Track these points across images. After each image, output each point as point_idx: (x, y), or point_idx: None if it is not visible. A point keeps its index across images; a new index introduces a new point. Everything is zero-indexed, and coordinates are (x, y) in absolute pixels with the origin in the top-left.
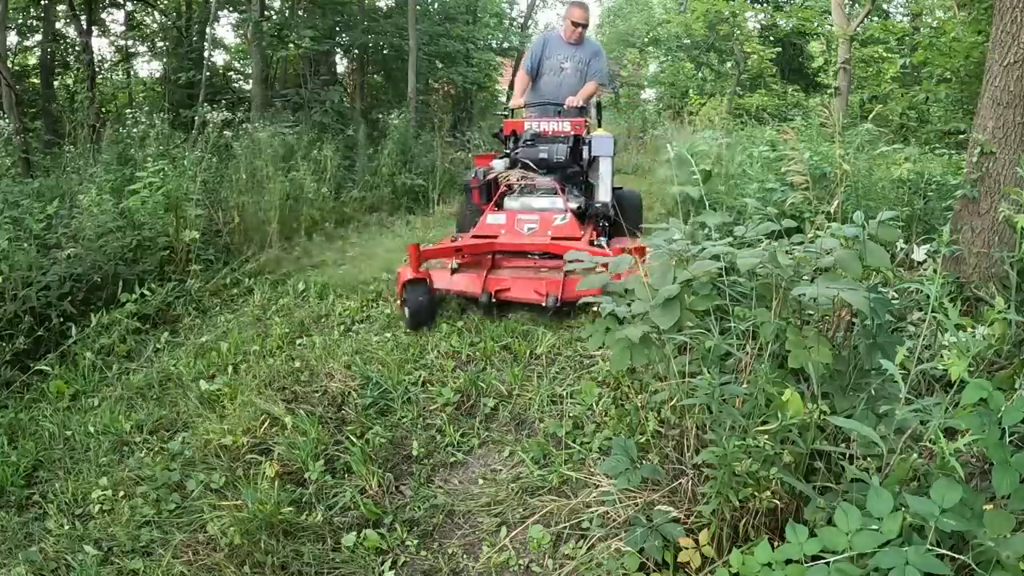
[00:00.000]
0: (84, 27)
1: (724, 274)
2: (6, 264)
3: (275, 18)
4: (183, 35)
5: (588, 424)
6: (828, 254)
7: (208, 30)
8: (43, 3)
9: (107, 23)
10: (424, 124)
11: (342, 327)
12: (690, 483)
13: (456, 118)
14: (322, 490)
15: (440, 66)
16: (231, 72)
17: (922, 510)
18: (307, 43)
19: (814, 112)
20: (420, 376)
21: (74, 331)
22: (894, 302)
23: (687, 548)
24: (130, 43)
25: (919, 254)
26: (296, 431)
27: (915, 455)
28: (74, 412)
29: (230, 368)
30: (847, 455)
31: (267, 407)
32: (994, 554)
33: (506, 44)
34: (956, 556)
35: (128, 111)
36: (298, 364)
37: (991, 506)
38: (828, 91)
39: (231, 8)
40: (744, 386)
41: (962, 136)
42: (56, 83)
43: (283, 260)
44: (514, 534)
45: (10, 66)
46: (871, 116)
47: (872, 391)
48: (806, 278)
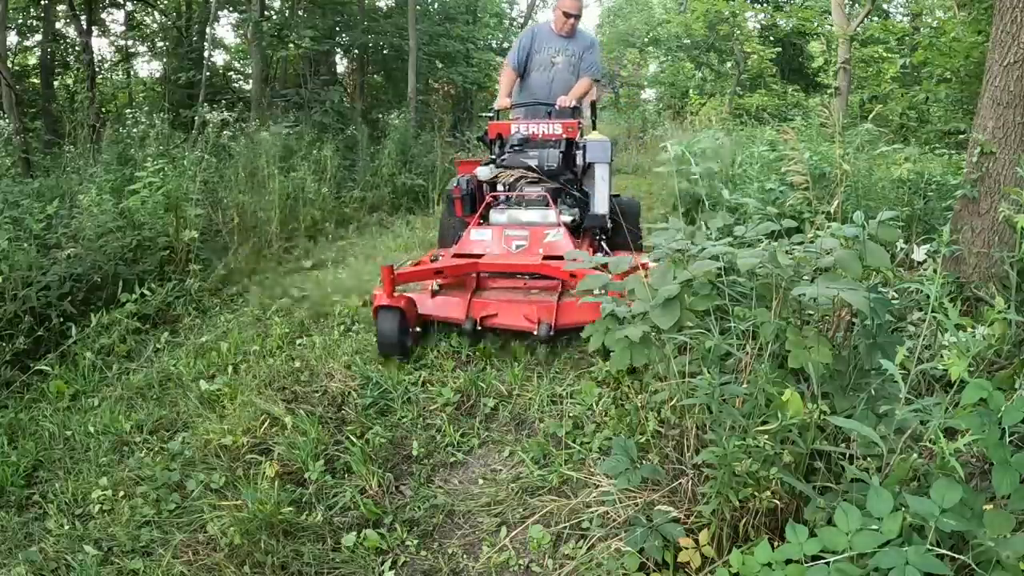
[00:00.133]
0: (84, 27)
1: (724, 274)
2: (6, 264)
3: (275, 18)
4: (183, 35)
5: (588, 424)
6: (828, 254)
7: (208, 30)
8: (43, 3)
9: (107, 23)
10: (424, 124)
11: (342, 327)
12: (690, 483)
13: (456, 118)
14: (322, 490)
15: (440, 66)
16: (231, 72)
17: (922, 510)
18: (307, 43)
19: (814, 112)
20: (420, 376)
21: (74, 331)
22: (894, 302)
23: (687, 548)
24: (130, 43)
25: (919, 254)
26: (296, 431)
27: (915, 455)
28: (74, 412)
29: (230, 368)
30: (847, 455)
31: (267, 407)
32: (994, 554)
33: (506, 44)
34: (956, 556)
35: (128, 111)
36: (298, 364)
37: (991, 506)
38: (828, 91)
39: (231, 8)
40: (744, 386)
41: (962, 136)
42: (56, 83)
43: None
44: (514, 534)
45: (10, 66)
46: (871, 116)
47: (872, 391)
48: (806, 278)
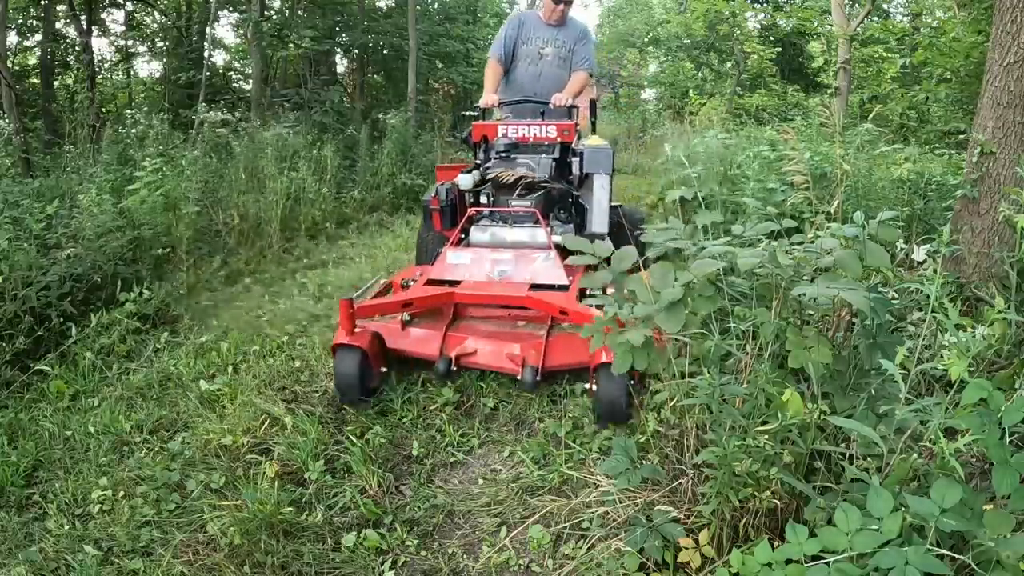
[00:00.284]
0: (84, 27)
1: (723, 274)
2: (6, 264)
3: (275, 18)
4: (183, 35)
5: (588, 424)
6: (828, 254)
7: (208, 30)
8: (43, 3)
9: (107, 23)
10: (424, 124)
11: None
12: (690, 483)
13: (456, 118)
14: (322, 490)
15: (440, 66)
16: (231, 72)
17: (922, 510)
18: (307, 43)
19: (814, 112)
20: (420, 376)
21: (74, 331)
22: (894, 302)
23: (687, 548)
24: (130, 43)
25: (919, 254)
26: (296, 431)
27: (915, 455)
28: (74, 412)
29: (230, 368)
30: (847, 455)
31: (267, 407)
32: (994, 554)
33: None
34: (956, 556)
35: (128, 111)
36: (298, 364)
37: (991, 506)
38: (828, 91)
39: (231, 8)
40: (744, 386)
41: (962, 136)
42: (56, 83)
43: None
44: (514, 534)
45: (10, 66)
46: (871, 116)
47: (872, 391)
48: (806, 278)
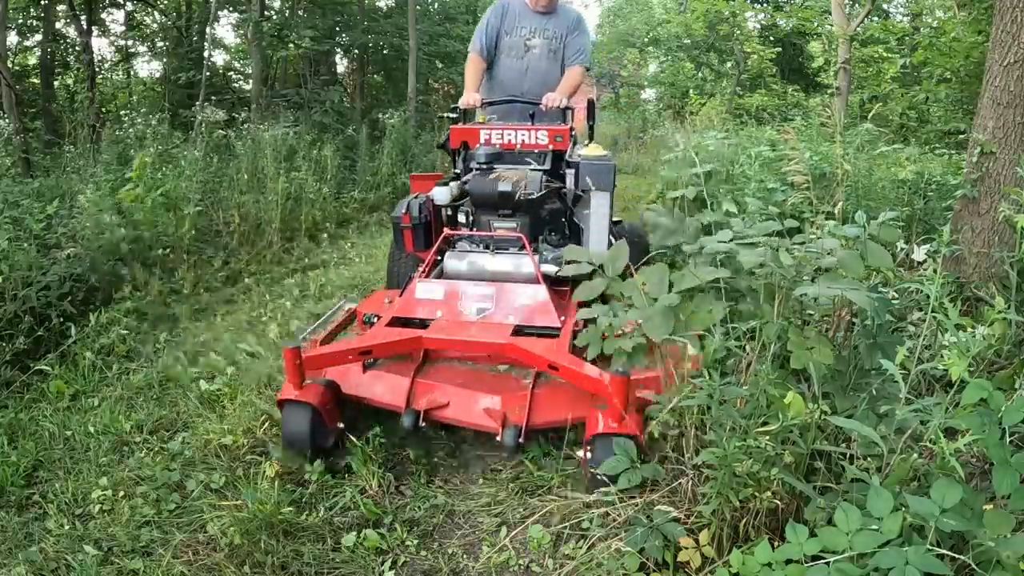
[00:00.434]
0: (84, 27)
1: (722, 270)
2: (6, 264)
3: (275, 18)
4: (183, 35)
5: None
6: (830, 254)
7: (208, 30)
8: (43, 3)
9: (107, 23)
10: (424, 124)
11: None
12: (690, 483)
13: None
14: (322, 490)
15: (440, 66)
16: (231, 72)
17: (922, 510)
18: (307, 43)
19: (814, 112)
20: None
21: (74, 331)
22: (894, 302)
23: (687, 548)
24: (130, 43)
25: (919, 254)
26: None
27: (915, 455)
28: (74, 412)
29: (230, 368)
30: (847, 455)
31: (267, 407)
32: (994, 554)
33: None
34: (956, 556)
35: (127, 111)
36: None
37: (991, 506)
38: (828, 91)
39: (231, 8)
40: (744, 387)
41: (962, 136)
42: (56, 83)
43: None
44: (514, 534)
45: (10, 66)
46: (871, 116)
47: (872, 391)
48: (806, 278)
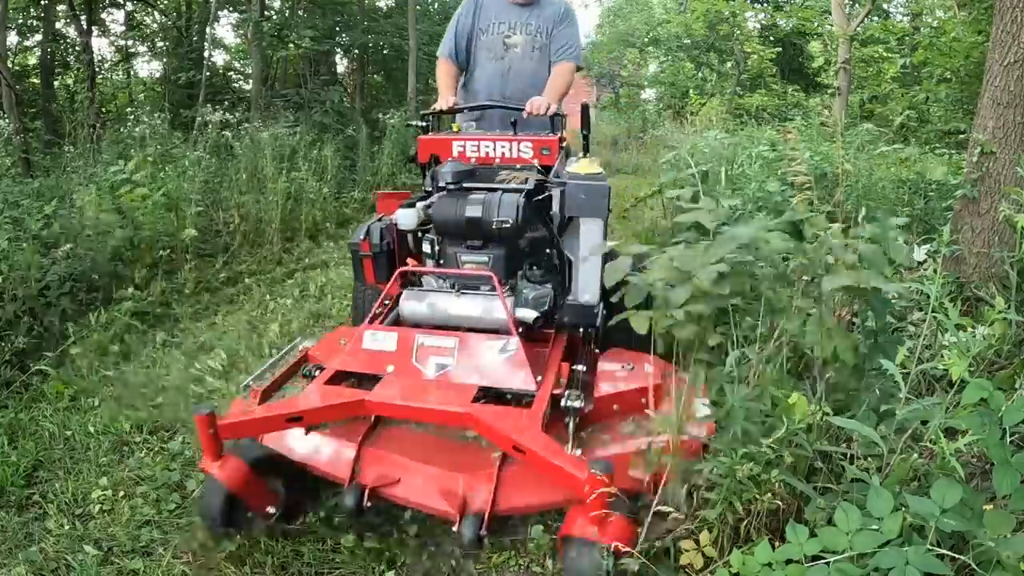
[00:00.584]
0: (84, 27)
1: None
2: (6, 264)
3: (275, 18)
4: (183, 35)
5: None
6: (855, 251)
7: (208, 30)
8: (43, 3)
9: (107, 23)
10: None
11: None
12: (697, 492)
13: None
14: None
15: None
16: (231, 72)
17: (922, 510)
18: (307, 43)
19: (814, 112)
20: None
21: (73, 331)
22: (894, 302)
23: (689, 551)
24: (130, 43)
25: (919, 254)
26: None
27: (915, 455)
28: (74, 412)
29: (230, 368)
30: (848, 455)
31: None
32: (994, 554)
33: None
34: (956, 556)
35: (132, 110)
36: None
37: (991, 506)
38: (828, 91)
39: (231, 8)
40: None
41: (962, 136)
42: (56, 83)
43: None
44: (514, 535)
45: (10, 66)
46: (873, 116)
47: (876, 391)
48: (821, 272)
